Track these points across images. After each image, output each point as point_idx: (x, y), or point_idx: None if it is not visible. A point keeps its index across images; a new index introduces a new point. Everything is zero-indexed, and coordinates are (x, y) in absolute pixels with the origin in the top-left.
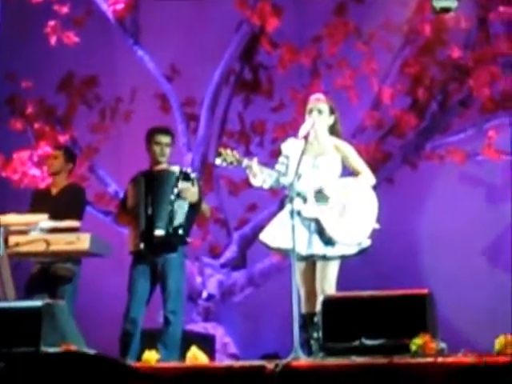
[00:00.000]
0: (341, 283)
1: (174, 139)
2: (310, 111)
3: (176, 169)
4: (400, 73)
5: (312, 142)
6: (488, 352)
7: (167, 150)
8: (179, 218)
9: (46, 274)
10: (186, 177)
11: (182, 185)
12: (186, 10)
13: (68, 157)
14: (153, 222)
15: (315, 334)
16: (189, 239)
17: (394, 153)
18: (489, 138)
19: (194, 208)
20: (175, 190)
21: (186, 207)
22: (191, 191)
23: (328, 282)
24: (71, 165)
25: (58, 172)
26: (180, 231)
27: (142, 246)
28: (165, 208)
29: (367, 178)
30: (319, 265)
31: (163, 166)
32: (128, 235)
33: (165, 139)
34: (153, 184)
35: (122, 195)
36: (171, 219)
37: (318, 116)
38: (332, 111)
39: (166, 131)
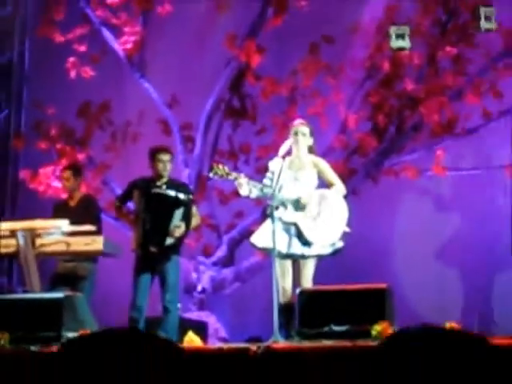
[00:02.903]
0: (316, 278)
1: (173, 156)
2: (296, 133)
3: (172, 193)
4: (363, 102)
5: (294, 159)
6: None
7: (169, 166)
8: (171, 239)
9: (67, 272)
10: (179, 203)
11: (176, 210)
12: (185, 49)
13: (76, 173)
14: (149, 238)
15: (292, 321)
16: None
17: (358, 169)
18: (437, 157)
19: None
20: (170, 214)
21: (178, 231)
22: (180, 230)
23: (305, 278)
24: (80, 178)
25: (73, 190)
26: (170, 249)
27: (140, 252)
28: (160, 228)
29: (339, 189)
30: (298, 263)
31: (162, 190)
32: (132, 235)
33: (166, 157)
34: (151, 205)
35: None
36: (164, 239)
37: (303, 137)
38: (312, 133)
39: (166, 150)
